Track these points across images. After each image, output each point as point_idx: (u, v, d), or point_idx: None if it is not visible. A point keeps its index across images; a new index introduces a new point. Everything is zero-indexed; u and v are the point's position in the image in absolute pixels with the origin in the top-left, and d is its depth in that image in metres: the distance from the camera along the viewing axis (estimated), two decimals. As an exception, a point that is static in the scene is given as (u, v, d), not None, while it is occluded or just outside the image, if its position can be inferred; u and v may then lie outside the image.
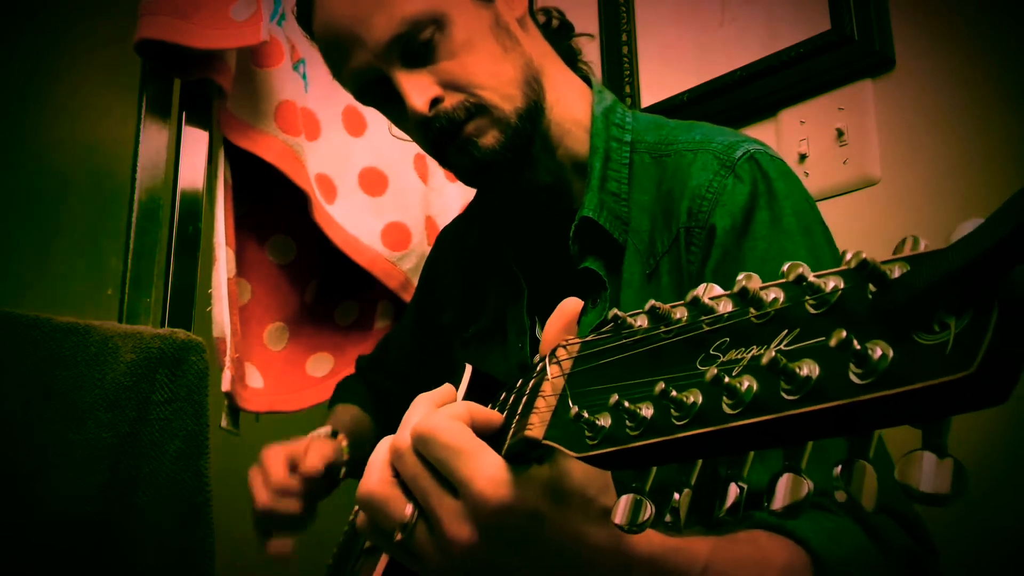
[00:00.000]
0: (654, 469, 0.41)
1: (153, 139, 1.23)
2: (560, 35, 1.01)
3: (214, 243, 1.30)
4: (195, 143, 1.28)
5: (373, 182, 1.54)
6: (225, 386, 1.27)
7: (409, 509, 0.52)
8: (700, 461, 0.40)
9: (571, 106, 0.94)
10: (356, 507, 1.08)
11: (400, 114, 0.92)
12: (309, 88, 1.47)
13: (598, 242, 0.89)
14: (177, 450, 1.04)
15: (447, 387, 0.59)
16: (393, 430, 0.56)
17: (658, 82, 1.58)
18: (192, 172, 1.27)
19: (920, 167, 1.23)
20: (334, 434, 1.09)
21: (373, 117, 1.56)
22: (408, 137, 0.97)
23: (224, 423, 1.30)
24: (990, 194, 1.16)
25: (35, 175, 1.70)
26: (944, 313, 0.30)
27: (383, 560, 0.86)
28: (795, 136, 1.36)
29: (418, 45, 0.86)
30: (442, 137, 0.88)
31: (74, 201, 1.72)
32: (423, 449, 0.51)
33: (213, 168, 1.32)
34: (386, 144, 1.56)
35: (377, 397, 1.26)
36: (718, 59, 1.48)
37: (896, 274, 0.32)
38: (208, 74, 1.26)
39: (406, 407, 0.57)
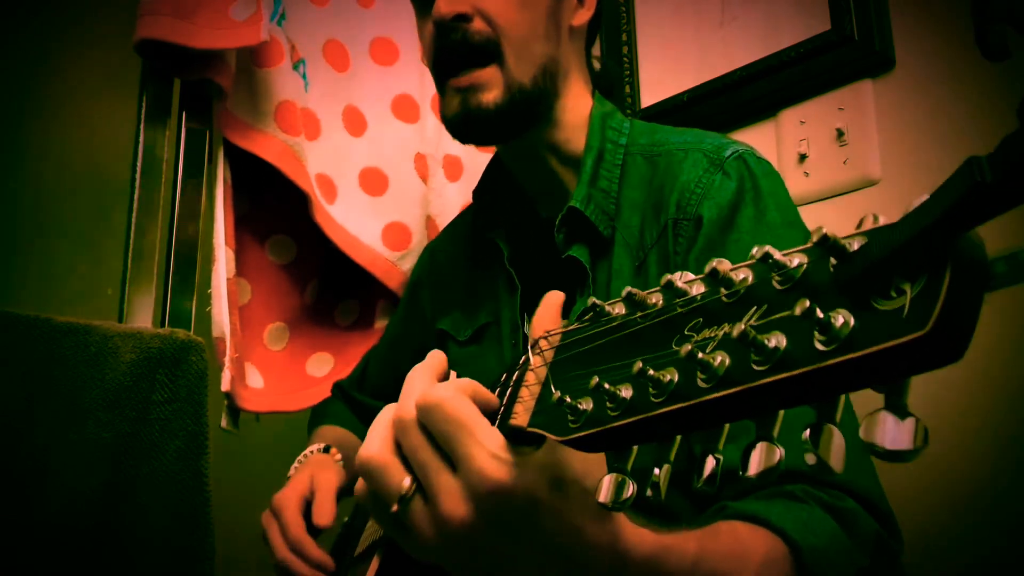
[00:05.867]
0: (635, 449, 0.42)
1: (153, 139, 1.23)
2: (599, 81, 1.04)
3: (214, 243, 1.30)
4: (195, 143, 1.28)
5: (373, 182, 1.54)
6: (225, 386, 1.27)
7: (407, 481, 0.51)
8: (679, 438, 0.41)
9: (578, 117, 0.98)
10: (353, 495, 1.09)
11: (426, 7, 0.93)
12: (309, 88, 1.47)
13: (583, 232, 0.92)
14: (177, 450, 1.04)
15: (438, 354, 0.57)
16: None
17: (658, 82, 1.57)
18: (192, 172, 1.27)
19: (920, 167, 1.23)
20: (326, 449, 1.10)
21: (374, 117, 1.56)
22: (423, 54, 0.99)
23: (224, 423, 1.30)
24: (990, 194, 1.16)
25: (35, 175, 1.70)
26: (900, 279, 0.31)
27: (373, 565, 0.86)
28: (795, 136, 1.36)
29: None
30: (448, 54, 0.91)
31: (74, 201, 1.72)
32: (427, 419, 0.50)
33: (213, 168, 1.32)
34: (386, 144, 1.57)
35: (360, 416, 1.27)
36: (718, 59, 1.48)
37: (855, 247, 0.34)
38: (208, 74, 1.26)
39: None
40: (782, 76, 1.37)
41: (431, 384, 0.52)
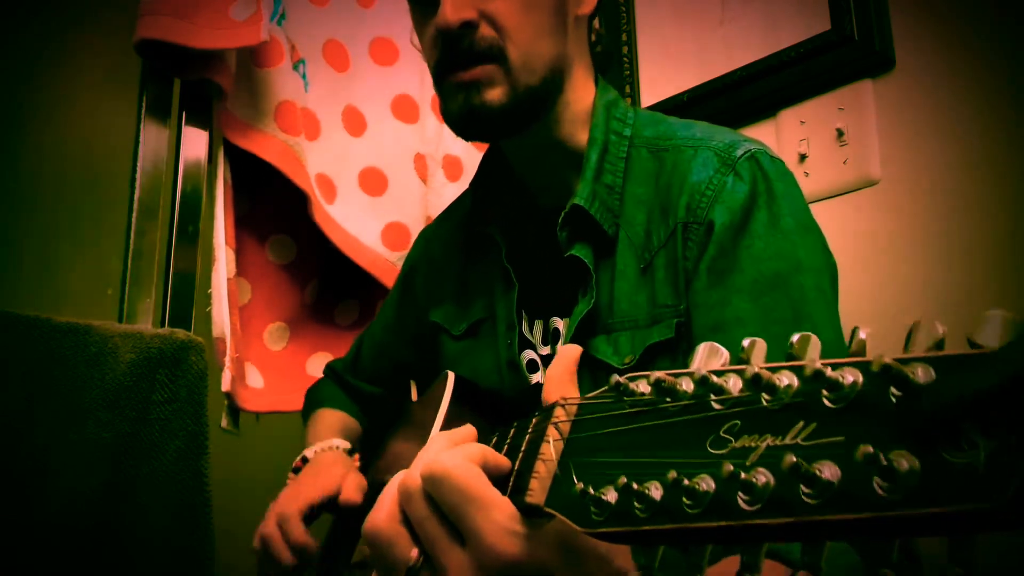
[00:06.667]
0: (662, 547, 0.40)
1: (153, 139, 1.23)
2: (596, 61, 1.02)
3: (214, 243, 1.30)
4: (195, 143, 1.28)
5: (373, 182, 1.54)
6: (225, 386, 1.27)
7: (415, 553, 0.50)
8: (711, 545, 0.38)
9: (582, 108, 0.95)
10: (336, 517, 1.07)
11: (427, 14, 0.90)
12: (309, 88, 1.47)
13: (587, 231, 0.89)
14: (177, 450, 1.04)
15: (468, 428, 0.56)
16: (376, 434, 0.54)
17: (658, 82, 1.58)
18: (192, 172, 1.27)
19: (920, 167, 1.23)
20: (351, 452, 1.05)
21: (373, 117, 1.57)
22: (420, 47, 0.96)
23: (224, 423, 1.30)
24: (990, 194, 1.16)
25: (35, 175, 1.70)
26: (973, 430, 0.29)
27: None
28: (795, 136, 1.36)
29: None
30: (454, 60, 0.87)
31: (74, 201, 1.72)
32: (434, 490, 0.49)
33: (213, 168, 1.32)
34: (386, 144, 1.57)
35: (355, 399, 1.24)
36: (718, 59, 1.48)
37: (920, 377, 0.31)
38: (208, 74, 1.26)
39: (384, 409, 0.55)
40: (782, 76, 1.37)
41: (442, 451, 0.50)
